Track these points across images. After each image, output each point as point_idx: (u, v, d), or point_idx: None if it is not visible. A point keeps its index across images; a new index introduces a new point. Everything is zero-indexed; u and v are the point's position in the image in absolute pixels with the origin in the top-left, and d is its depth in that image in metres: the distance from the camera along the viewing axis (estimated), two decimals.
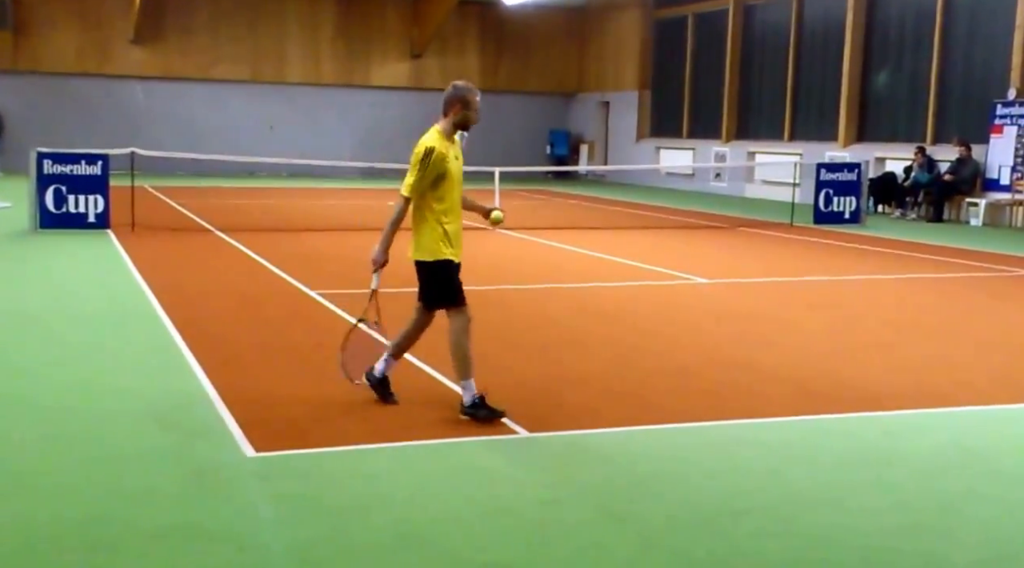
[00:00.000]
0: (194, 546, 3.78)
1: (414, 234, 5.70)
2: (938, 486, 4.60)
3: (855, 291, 10.37)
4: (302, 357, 6.81)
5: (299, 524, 4.00)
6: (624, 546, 3.86)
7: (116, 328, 7.74)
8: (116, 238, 12.82)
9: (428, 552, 3.77)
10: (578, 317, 8.47)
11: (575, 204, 21.39)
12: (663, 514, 4.19)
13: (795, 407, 5.80)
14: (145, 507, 4.14)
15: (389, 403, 5.61)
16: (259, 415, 5.39)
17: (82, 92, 26.87)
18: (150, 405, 5.58)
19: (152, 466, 4.63)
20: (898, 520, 4.18)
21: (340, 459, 4.77)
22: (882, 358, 7.07)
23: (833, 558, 3.82)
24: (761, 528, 4.06)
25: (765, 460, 4.87)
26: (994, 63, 18.15)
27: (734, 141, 24.93)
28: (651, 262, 11.90)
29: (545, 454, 4.94)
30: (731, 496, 4.41)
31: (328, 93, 28.95)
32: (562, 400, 5.86)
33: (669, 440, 5.19)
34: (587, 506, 4.26)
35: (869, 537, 3.99)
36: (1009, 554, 3.90)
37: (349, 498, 4.28)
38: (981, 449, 5.12)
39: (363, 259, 12.42)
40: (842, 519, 4.17)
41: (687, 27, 26.66)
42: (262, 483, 4.45)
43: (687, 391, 6.16)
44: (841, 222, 16.76)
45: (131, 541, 3.81)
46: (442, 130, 5.63)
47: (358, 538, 3.88)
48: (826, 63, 22.13)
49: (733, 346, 7.45)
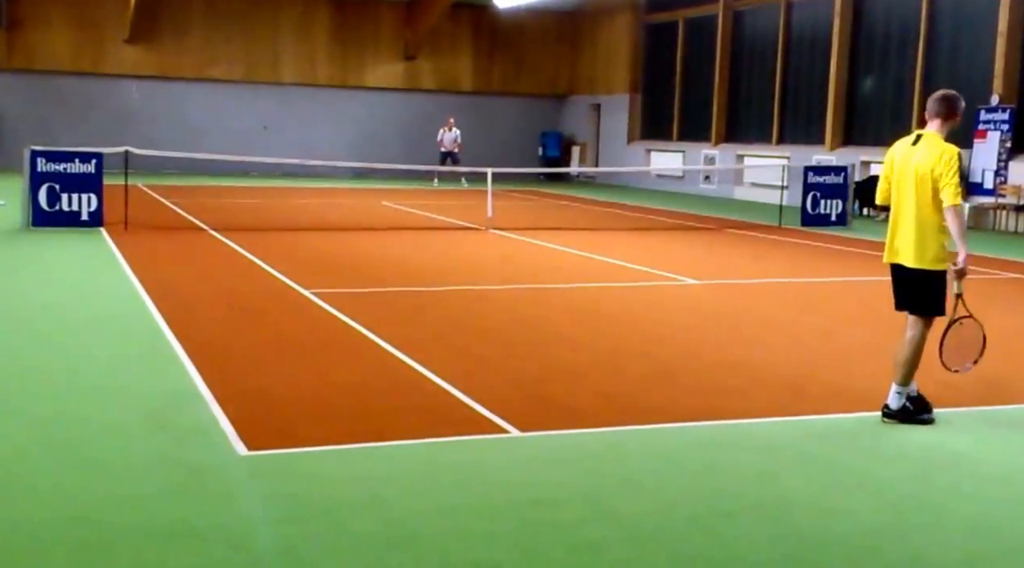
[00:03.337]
0: (186, 545, 3.77)
1: (916, 241, 5.44)
2: (923, 486, 4.63)
3: (842, 292, 10.44)
4: (295, 356, 6.79)
5: (291, 523, 4.00)
6: (614, 546, 3.87)
7: (108, 326, 7.71)
8: (109, 236, 12.83)
9: (419, 551, 3.78)
10: (570, 317, 8.48)
11: (566, 205, 21.49)
12: (653, 514, 4.21)
13: (784, 408, 5.83)
14: (137, 506, 4.13)
15: (927, 422, 5.50)
16: (251, 414, 5.39)
17: (77, 91, 26.92)
18: (142, 404, 5.57)
19: (144, 465, 4.62)
20: (884, 520, 4.21)
21: (332, 458, 4.77)
22: (869, 359, 7.10)
23: (821, 558, 3.85)
24: (750, 528, 4.08)
25: (754, 460, 4.90)
26: (977, 70, 18.36)
27: (723, 144, 25.14)
28: (641, 263, 11.95)
29: (536, 453, 4.94)
30: (720, 496, 4.43)
31: (322, 94, 29.06)
32: (554, 400, 5.87)
33: (659, 440, 5.20)
34: (578, 505, 4.28)
35: (856, 537, 4.02)
36: (993, 554, 3.94)
37: (341, 497, 4.28)
38: (965, 450, 5.16)
39: (355, 259, 12.49)
40: (830, 519, 4.21)
41: (677, 32, 26.87)
42: (254, 482, 4.45)
43: (677, 391, 6.18)
44: (828, 224, 16.92)
45: (124, 540, 3.80)
46: (941, 135, 5.50)
47: (350, 537, 3.88)
48: (813, 68, 22.38)
49: (722, 346, 7.47)
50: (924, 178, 5.36)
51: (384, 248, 12.90)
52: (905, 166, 5.48)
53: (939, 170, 5.30)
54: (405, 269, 11.13)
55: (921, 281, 5.47)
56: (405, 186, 25.90)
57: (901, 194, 5.49)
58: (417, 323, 8.07)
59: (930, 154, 5.36)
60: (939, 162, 5.30)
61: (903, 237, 5.50)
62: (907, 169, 5.46)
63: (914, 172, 5.39)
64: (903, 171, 5.49)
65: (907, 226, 5.46)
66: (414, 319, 8.24)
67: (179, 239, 13.23)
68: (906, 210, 5.46)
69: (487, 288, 10.00)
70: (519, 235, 14.71)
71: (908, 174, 5.44)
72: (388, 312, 8.50)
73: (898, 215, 5.54)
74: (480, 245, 13.64)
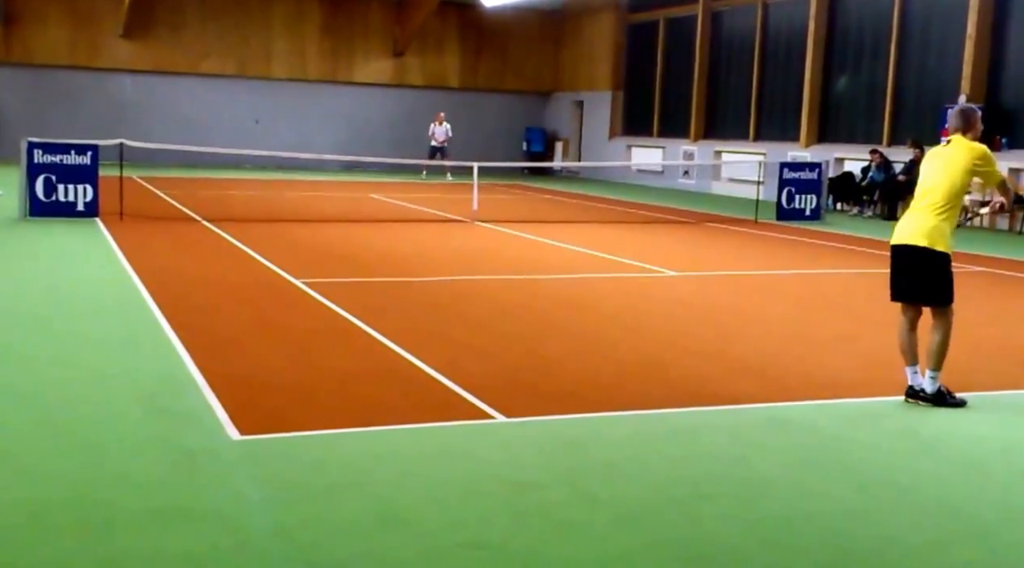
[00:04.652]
0: (181, 528, 3.78)
1: (931, 225, 5.73)
2: (894, 471, 4.73)
3: (816, 284, 10.58)
4: (287, 343, 6.84)
5: (284, 506, 4.04)
6: (597, 527, 3.95)
7: (103, 313, 7.72)
8: (104, 226, 12.88)
9: (409, 532, 3.82)
10: (553, 307, 8.55)
11: (550, 199, 21.60)
12: (635, 497, 4.27)
13: (760, 395, 5.89)
14: (132, 490, 4.14)
15: (961, 404, 5.75)
16: (244, 399, 5.42)
17: (72, 84, 26.95)
18: (137, 389, 5.59)
19: (139, 449, 4.64)
20: (857, 503, 4.29)
21: (323, 443, 4.81)
22: (842, 349, 7.23)
23: (795, 540, 3.92)
24: (727, 511, 4.15)
25: (731, 446, 4.97)
26: (946, 71, 18.74)
27: (702, 140, 25.41)
28: (622, 255, 12.04)
29: (522, 438, 4.99)
30: (699, 480, 4.51)
31: (313, 89, 29.14)
32: (538, 387, 5.93)
33: (641, 426, 5.26)
34: (562, 488, 4.33)
35: (829, 519, 4.11)
36: (960, 536, 4.04)
37: (332, 480, 4.32)
38: (934, 435, 5.27)
39: (345, 250, 12.80)
40: (804, 502, 4.29)
41: (658, 31, 27.16)
42: (247, 466, 4.47)
43: (658, 379, 6.24)
44: (802, 219, 17.17)
45: (119, 523, 3.81)
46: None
47: (341, 519, 3.92)
48: (789, 68, 22.71)
49: (701, 336, 7.57)
50: (952, 166, 5.72)
51: (373, 239, 12.97)
52: (934, 158, 5.89)
53: (981, 166, 5.73)
54: (393, 260, 11.21)
55: (930, 264, 5.72)
56: (393, 179, 25.90)
57: (925, 183, 5.85)
58: (405, 312, 8.13)
59: (960, 149, 5.78)
60: (977, 159, 5.73)
61: (919, 220, 5.78)
62: (936, 160, 5.86)
63: (943, 160, 5.79)
64: (931, 162, 5.88)
65: (925, 212, 5.77)
66: (402, 308, 8.30)
67: (173, 229, 13.27)
68: (927, 196, 5.78)
69: (473, 279, 10.08)
70: (504, 227, 14.81)
71: (937, 163, 5.82)
72: (377, 301, 8.56)
73: (918, 201, 5.87)
74: (466, 237, 13.71)
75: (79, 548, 3.63)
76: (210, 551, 3.63)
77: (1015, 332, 8.36)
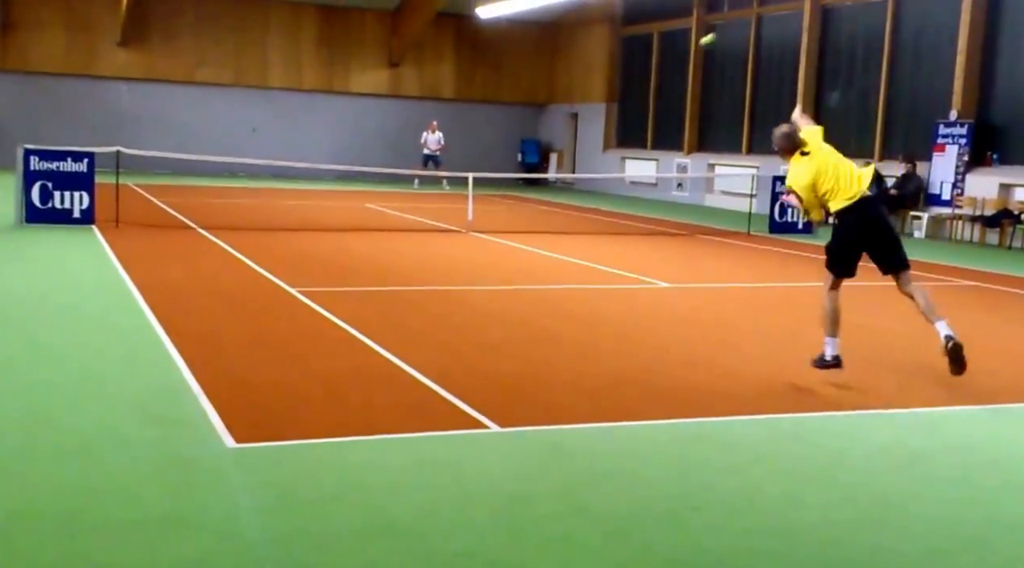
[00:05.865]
0: (175, 535, 3.78)
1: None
2: (884, 483, 4.76)
3: (808, 297, 10.44)
4: (282, 351, 6.86)
5: (278, 514, 4.05)
6: (590, 538, 3.96)
7: (99, 321, 7.74)
8: (100, 234, 12.90)
9: (402, 542, 3.84)
10: (547, 318, 8.58)
11: (544, 210, 21.68)
12: (627, 508, 4.28)
13: (752, 407, 5.92)
14: (127, 497, 4.15)
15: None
16: (239, 407, 5.44)
17: (69, 92, 27.01)
18: (132, 397, 5.60)
19: (134, 457, 4.65)
20: (847, 514, 4.32)
21: (318, 451, 4.83)
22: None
23: (786, 550, 3.94)
24: (719, 522, 4.17)
25: (724, 457, 5.00)
26: (937, 86, 18.84)
27: (695, 153, 25.55)
28: (616, 266, 12.09)
29: (515, 449, 5.01)
30: (691, 491, 4.53)
31: (309, 98, 29.22)
32: (532, 397, 5.95)
33: (633, 437, 5.29)
34: (555, 499, 4.35)
35: (820, 530, 4.14)
36: (950, 547, 4.08)
37: (326, 489, 4.34)
38: (923, 449, 5.31)
39: (340, 259, 12.77)
40: (795, 513, 4.31)
41: (652, 44, 27.32)
42: (242, 474, 4.48)
43: (650, 390, 6.26)
44: (795, 232, 17.27)
45: (113, 530, 3.81)
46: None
47: (335, 527, 3.93)
48: (782, 82, 22.82)
49: (693, 347, 7.61)
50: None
51: (368, 249, 13.03)
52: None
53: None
54: (388, 269, 11.26)
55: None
56: (388, 189, 25.96)
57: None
58: (400, 321, 8.16)
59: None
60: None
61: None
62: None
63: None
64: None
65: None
66: (397, 317, 8.33)
67: (168, 237, 13.30)
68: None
69: (468, 288, 10.12)
70: (499, 238, 14.87)
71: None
72: (371, 310, 8.58)
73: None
74: (461, 247, 13.75)
75: (73, 557, 3.63)
76: (204, 559, 3.64)
77: (1005, 345, 8.42)
